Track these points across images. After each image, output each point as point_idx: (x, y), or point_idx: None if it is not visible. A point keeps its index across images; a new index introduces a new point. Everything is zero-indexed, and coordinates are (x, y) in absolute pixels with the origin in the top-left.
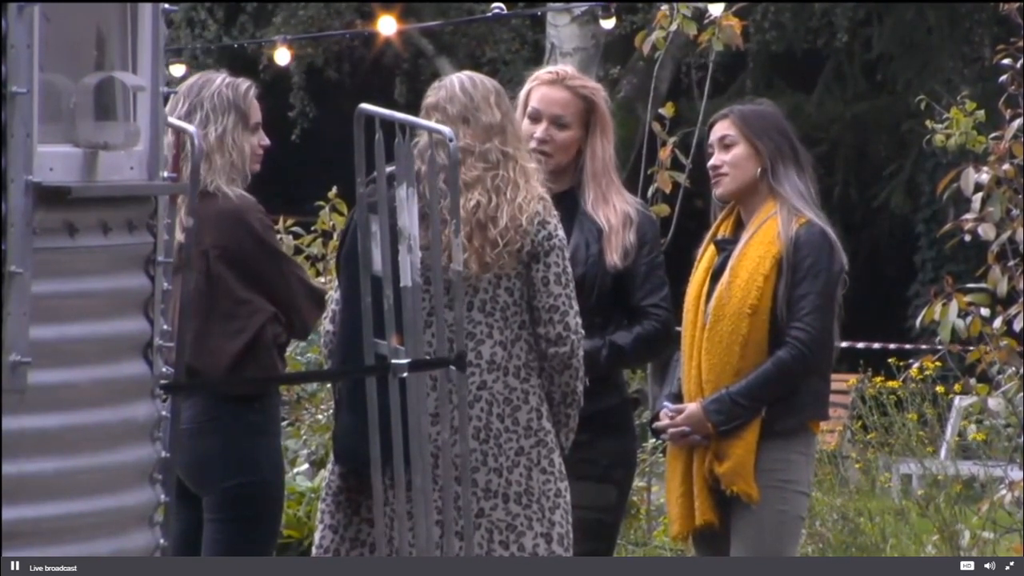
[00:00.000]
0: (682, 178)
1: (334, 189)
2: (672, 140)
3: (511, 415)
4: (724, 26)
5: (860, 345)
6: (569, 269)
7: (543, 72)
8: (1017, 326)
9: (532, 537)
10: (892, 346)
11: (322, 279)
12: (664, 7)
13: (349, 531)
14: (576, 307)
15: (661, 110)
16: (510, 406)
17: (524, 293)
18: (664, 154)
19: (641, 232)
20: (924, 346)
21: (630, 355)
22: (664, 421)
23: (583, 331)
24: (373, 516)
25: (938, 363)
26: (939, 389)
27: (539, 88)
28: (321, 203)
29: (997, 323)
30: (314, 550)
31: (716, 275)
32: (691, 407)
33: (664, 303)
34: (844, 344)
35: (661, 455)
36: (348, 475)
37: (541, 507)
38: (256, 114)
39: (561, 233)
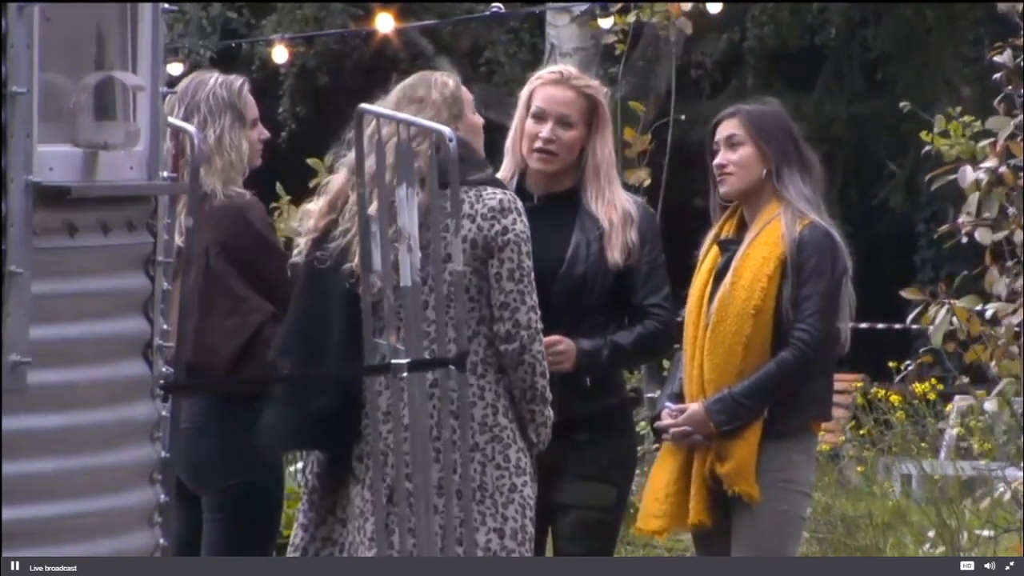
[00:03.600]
0: (650, 175)
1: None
2: (644, 138)
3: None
4: (672, 14)
5: (863, 325)
6: (525, 264)
7: (546, 72)
8: (1015, 319)
9: (485, 533)
10: (898, 326)
11: None
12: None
13: (321, 530)
14: (530, 302)
15: (631, 103)
16: (464, 402)
17: (483, 288)
18: (634, 152)
19: (642, 231)
20: (923, 348)
21: (631, 355)
22: (666, 421)
23: (539, 326)
24: (347, 516)
25: (936, 380)
26: (948, 408)
27: (543, 88)
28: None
29: (989, 313)
30: (288, 549)
31: (719, 276)
32: (693, 407)
33: (665, 302)
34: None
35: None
36: (324, 475)
37: (495, 502)
38: (252, 109)
39: (519, 227)
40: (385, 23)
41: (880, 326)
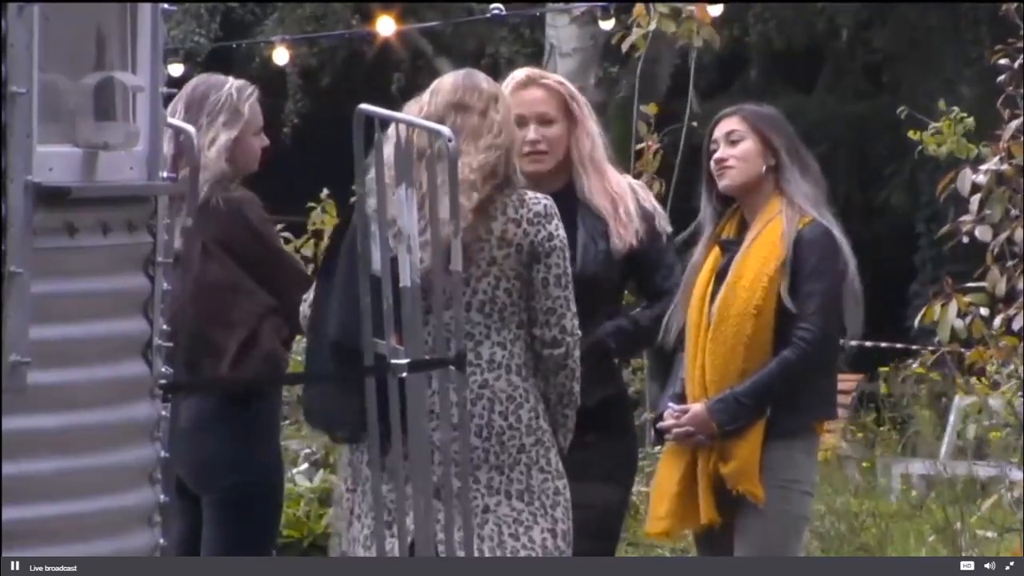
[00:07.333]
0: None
1: (325, 191)
2: (653, 137)
3: (514, 412)
4: (701, 24)
5: (868, 344)
6: (569, 269)
7: (510, 80)
8: (1016, 325)
9: (540, 531)
10: (899, 345)
11: None
12: (640, 5)
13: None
14: (573, 308)
15: (644, 108)
16: (513, 404)
17: (523, 293)
18: (648, 153)
19: (644, 209)
20: (919, 346)
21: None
22: (668, 421)
23: (580, 332)
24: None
25: (936, 357)
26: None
27: (514, 94)
28: (312, 204)
29: (997, 322)
30: (340, 542)
31: (721, 276)
32: (696, 407)
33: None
34: (853, 343)
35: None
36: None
37: (543, 504)
38: (258, 117)
39: (561, 232)
40: (386, 26)
41: (883, 345)
